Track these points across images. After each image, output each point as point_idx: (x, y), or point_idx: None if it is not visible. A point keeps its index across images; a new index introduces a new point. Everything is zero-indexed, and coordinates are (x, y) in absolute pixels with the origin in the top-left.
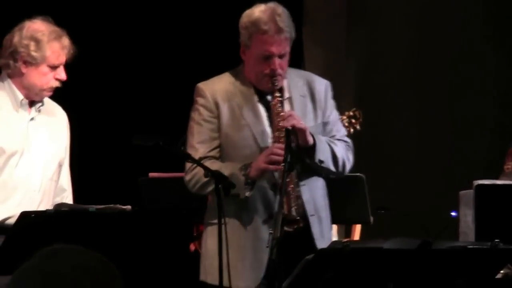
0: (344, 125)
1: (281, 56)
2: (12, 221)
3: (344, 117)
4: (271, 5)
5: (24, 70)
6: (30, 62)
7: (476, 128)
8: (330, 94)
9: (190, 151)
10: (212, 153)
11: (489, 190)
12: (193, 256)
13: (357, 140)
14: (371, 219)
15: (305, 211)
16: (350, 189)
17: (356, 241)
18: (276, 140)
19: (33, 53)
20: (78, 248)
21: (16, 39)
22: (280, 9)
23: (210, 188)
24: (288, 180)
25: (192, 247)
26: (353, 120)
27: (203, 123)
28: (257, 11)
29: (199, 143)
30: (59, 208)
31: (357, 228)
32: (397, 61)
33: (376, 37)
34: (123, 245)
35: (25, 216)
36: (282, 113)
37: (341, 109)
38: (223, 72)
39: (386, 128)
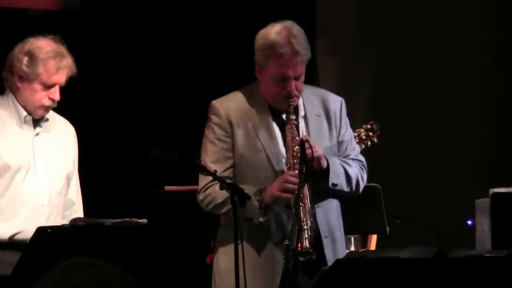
0: (361, 138)
1: (297, 78)
2: (21, 236)
3: (362, 130)
4: (287, 24)
5: (19, 84)
6: (24, 78)
7: (492, 136)
8: (344, 111)
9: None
10: (226, 173)
11: (505, 198)
12: (210, 268)
13: (373, 150)
14: (387, 228)
15: (318, 232)
16: (366, 199)
17: (372, 251)
18: (291, 166)
19: (25, 68)
20: (97, 261)
21: (15, 52)
22: (296, 29)
23: (225, 209)
24: (303, 209)
25: (209, 259)
26: (371, 133)
27: (217, 142)
28: (273, 32)
29: (212, 163)
30: (75, 223)
31: (373, 238)
32: (410, 72)
33: (389, 48)
34: (140, 259)
35: (41, 231)
36: (297, 138)
37: (355, 121)
38: (238, 84)
39: (401, 138)
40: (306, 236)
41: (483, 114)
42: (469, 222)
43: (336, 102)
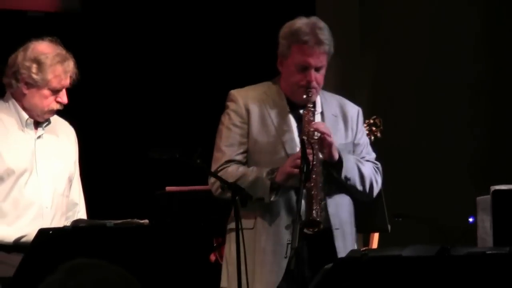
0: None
1: (318, 69)
2: (26, 239)
3: (365, 125)
4: (313, 19)
5: (25, 91)
6: (32, 84)
7: (493, 133)
8: (361, 119)
9: (216, 153)
10: (238, 157)
11: (506, 195)
12: (213, 267)
13: (374, 148)
14: (389, 227)
15: (330, 223)
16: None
17: (374, 249)
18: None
19: (34, 76)
20: (100, 262)
21: (19, 59)
22: (322, 23)
23: (229, 194)
24: (312, 184)
25: (212, 257)
26: (374, 128)
27: (233, 127)
28: (299, 22)
29: (226, 146)
30: (77, 224)
31: (375, 237)
32: (411, 71)
33: (390, 49)
34: (142, 259)
35: (43, 232)
36: (312, 122)
37: None
38: (240, 85)
39: (402, 137)
40: (315, 207)
41: (484, 111)
42: (470, 220)
43: (354, 109)
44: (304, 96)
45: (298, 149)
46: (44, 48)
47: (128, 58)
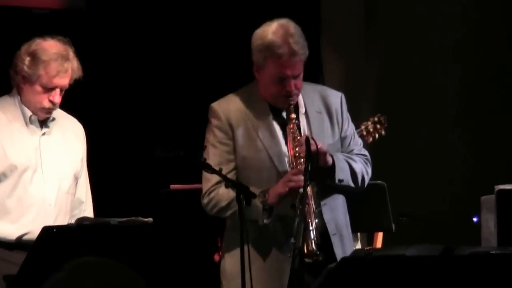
0: (369, 131)
1: (295, 77)
2: (29, 237)
3: (369, 123)
4: (283, 23)
5: (22, 85)
6: (26, 78)
7: (497, 132)
8: (345, 106)
9: (205, 173)
10: (229, 176)
11: (511, 195)
12: (218, 267)
13: (378, 148)
14: (393, 226)
15: (326, 229)
16: (371, 196)
17: (378, 248)
18: (294, 166)
19: (26, 69)
20: (106, 261)
21: (21, 51)
22: (292, 27)
23: (229, 212)
24: (307, 210)
25: (216, 257)
26: (378, 126)
27: (218, 145)
28: (270, 32)
29: (215, 166)
30: (81, 222)
31: (379, 236)
32: (416, 69)
33: (396, 42)
34: (146, 258)
35: (47, 230)
36: (298, 138)
37: (361, 116)
38: (241, 83)
39: (406, 135)
40: (312, 237)
41: (490, 111)
42: (474, 219)
43: (336, 98)
44: (286, 104)
45: (287, 160)
46: (46, 45)
47: (132, 56)
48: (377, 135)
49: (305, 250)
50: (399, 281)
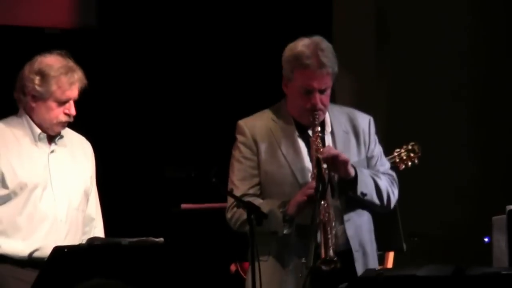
0: (402, 158)
1: (322, 91)
2: (40, 253)
3: (403, 150)
4: (315, 39)
5: (33, 104)
6: (37, 97)
7: (509, 152)
8: (373, 129)
9: (230, 188)
10: (252, 191)
11: None
12: (234, 278)
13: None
14: (404, 246)
15: (349, 246)
16: (383, 216)
17: (389, 268)
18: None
19: (38, 88)
20: (115, 283)
21: (25, 72)
22: (324, 44)
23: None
24: (326, 219)
25: (233, 268)
26: (412, 154)
27: (243, 160)
28: (300, 45)
29: (239, 181)
30: (92, 242)
31: (391, 256)
32: (428, 82)
33: (406, 61)
34: (157, 278)
35: (58, 250)
36: (321, 149)
37: None
38: (256, 103)
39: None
40: (331, 244)
41: (501, 130)
42: (486, 239)
43: (365, 119)
44: (311, 119)
45: (310, 175)
46: (49, 61)
47: (144, 74)
48: (410, 164)
49: (323, 255)
50: None
